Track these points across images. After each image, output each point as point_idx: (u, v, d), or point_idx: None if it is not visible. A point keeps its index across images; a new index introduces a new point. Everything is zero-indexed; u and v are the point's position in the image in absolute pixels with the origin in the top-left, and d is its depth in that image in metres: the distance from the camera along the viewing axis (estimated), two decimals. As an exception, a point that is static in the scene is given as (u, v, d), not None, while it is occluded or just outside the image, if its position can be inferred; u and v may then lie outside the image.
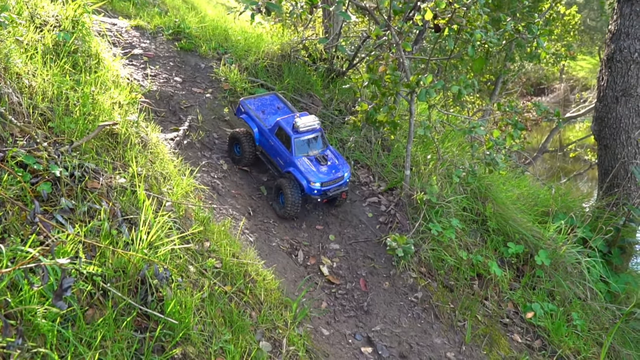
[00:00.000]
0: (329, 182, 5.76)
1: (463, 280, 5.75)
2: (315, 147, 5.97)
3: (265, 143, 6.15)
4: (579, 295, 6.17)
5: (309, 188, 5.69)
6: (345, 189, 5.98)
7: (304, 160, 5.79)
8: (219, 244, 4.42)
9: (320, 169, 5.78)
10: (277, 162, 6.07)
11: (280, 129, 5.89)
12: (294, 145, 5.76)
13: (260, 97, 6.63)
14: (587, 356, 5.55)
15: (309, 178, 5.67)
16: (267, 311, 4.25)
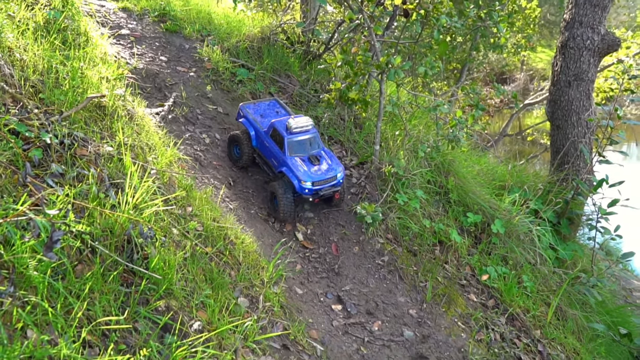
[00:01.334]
0: (321, 181, 5.47)
1: (426, 245, 5.86)
2: (309, 147, 5.70)
3: (261, 145, 5.94)
4: (529, 261, 6.33)
5: (300, 187, 5.43)
6: (337, 189, 5.67)
7: (296, 160, 5.54)
8: (201, 209, 4.45)
9: (312, 168, 5.51)
10: (271, 163, 5.84)
11: (275, 130, 5.67)
12: (286, 145, 5.54)
13: (260, 102, 6.43)
14: (536, 314, 5.72)
15: (300, 177, 5.41)
16: (245, 271, 4.31)
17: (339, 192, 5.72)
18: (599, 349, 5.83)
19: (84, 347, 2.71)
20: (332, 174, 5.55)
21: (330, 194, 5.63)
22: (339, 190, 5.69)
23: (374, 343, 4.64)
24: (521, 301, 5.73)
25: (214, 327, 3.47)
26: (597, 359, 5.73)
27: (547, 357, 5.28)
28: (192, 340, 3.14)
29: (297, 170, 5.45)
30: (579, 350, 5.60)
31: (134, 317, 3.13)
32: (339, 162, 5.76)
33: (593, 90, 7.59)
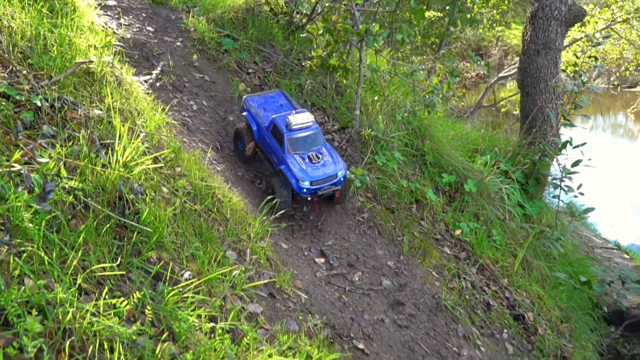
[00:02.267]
0: (320, 180, 5.08)
1: (403, 204, 5.92)
2: (310, 145, 5.29)
3: (262, 140, 5.59)
4: (499, 217, 6.44)
5: (299, 187, 5.07)
6: (337, 188, 5.24)
7: (296, 158, 5.17)
8: (189, 170, 4.42)
9: (311, 167, 5.12)
10: (272, 159, 5.50)
11: (275, 126, 5.30)
12: (286, 142, 5.17)
13: (264, 94, 6.05)
14: (504, 265, 5.85)
15: (298, 176, 5.05)
16: (233, 227, 4.32)
17: (339, 190, 5.30)
18: (560, 296, 6.00)
19: (79, 293, 2.71)
20: (331, 172, 5.15)
21: (329, 192, 5.23)
22: (339, 189, 5.29)
23: (355, 292, 4.71)
24: (491, 253, 5.84)
25: (203, 277, 3.49)
26: (559, 304, 5.90)
27: (513, 302, 5.42)
28: (183, 286, 3.16)
29: (294, 170, 5.09)
30: (543, 296, 5.76)
31: (127, 267, 3.14)
32: (341, 159, 5.36)
33: (560, 58, 7.62)
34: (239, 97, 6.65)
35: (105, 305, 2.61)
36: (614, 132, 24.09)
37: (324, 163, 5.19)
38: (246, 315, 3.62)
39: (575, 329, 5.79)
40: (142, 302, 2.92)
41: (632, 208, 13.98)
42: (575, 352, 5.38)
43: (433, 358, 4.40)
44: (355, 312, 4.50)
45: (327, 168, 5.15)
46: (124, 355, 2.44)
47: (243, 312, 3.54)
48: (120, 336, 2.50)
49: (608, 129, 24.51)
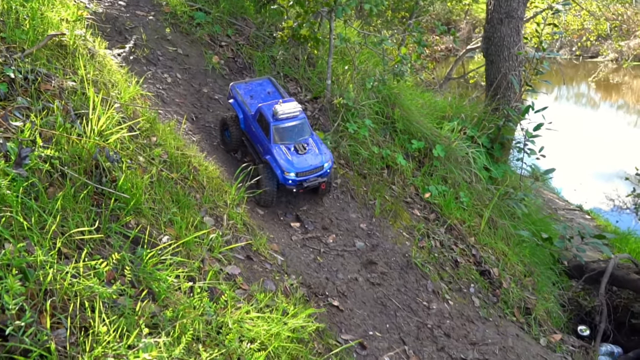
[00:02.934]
0: (306, 172, 4.85)
1: (374, 169, 5.99)
2: (296, 135, 5.04)
3: (248, 129, 5.33)
4: (466, 180, 6.57)
5: (283, 178, 4.84)
6: (324, 180, 5.02)
7: (281, 149, 4.91)
8: (165, 139, 4.39)
9: (296, 158, 4.88)
10: (257, 149, 5.24)
11: (261, 114, 5.03)
12: (272, 132, 4.91)
13: (252, 81, 5.78)
14: (471, 225, 6.00)
15: (283, 167, 4.81)
16: (209, 194, 4.33)
17: (325, 182, 5.08)
18: (524, 252, 6.19)
19: (59, 257, 2.72)
20: (317, 163, 4.92)
21: (315, 184, 5.00)
22: (325, 181, 5.06)
23: (329, 253, 4.80)
24: (458, 214, 5.98)
25: (181, 240, 3.52)
26: (522, 259, 6.09)
27: (480, 259, 5.58)
28: (162, 249, 3.18)
29: (280, 160, 4.85)
30: (507, 253, 5.94)
31: (106, 232, 3.14)
32: (327, 150, 5.12)
33: (522, 27, 7.69)
34: (212, 69, 6.58)
35: (85, 268, 2.63)
36: (577, 102, 24.50)
37: (310, 154, 4.96)
38: (224, 276, 3.67)
39: (537, 283, 6.00)
40: (122, 264, 2.94)
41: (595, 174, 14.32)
42: (538, 304, 5.59)
43: (404, 312, 4.53)
44: (329, 272, 4.59)
45: (314, 159, 4.93)
46: (105, 314, 2.47)
47: (221, 273, 3.58)
48: (101, 296, 2.53)
49: (572, 99, 24.92)
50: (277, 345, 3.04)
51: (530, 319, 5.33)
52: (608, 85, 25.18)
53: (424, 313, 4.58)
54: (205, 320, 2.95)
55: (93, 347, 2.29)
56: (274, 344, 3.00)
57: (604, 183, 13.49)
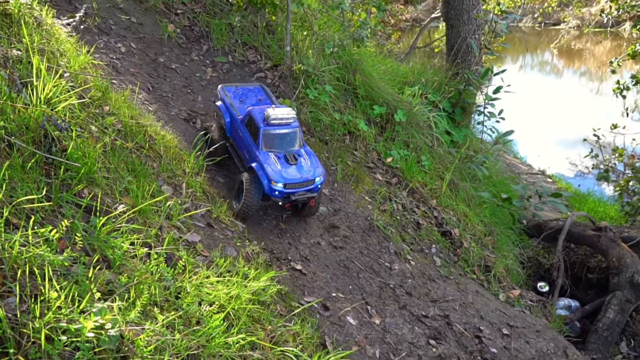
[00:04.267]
0: (295, 184, 4.40)
1: (336, 135, 6.00)
2: (287, 144, 4.61)
3: (234, 134, 4.91)
4: (427, 144, 6.66)
5: (270, 188, 4.37)
6: (313, 195, 4.54)
7: (270, 156, 4.47)
8: (118, 108, 4.30)
9: (286, 168, 4.44)
10: (243, 155, 4.82)
11: (251, 118, 4.62)
12: (261, 137, 4.49)
13: (243, 86, 5.40)
14: (433, 187, 6.11)
15: (271, 176, 4.34)
16: (167, 162, 4.28)
17: (314, 198, 4.61)
18: (484, 212, 6.36)
19: (7, 226, 2.66)
20: (308, 176, 4.47)
21: (304, 199, 4.54)
22: (314, 197, 4.59)
23: (292, 219, 4.83)
24: (420, 177, 6.08)
25: (137, 207, 3.48)
26: (483, 220, 6.26)
27: (441, 220, 5.71)
28: (117, 217, 3.14)
29: (267, 168, 4.39)
30: (468, 214, 6.09)
31: (57, 202, 3.09)
32: (320, 164, 4.66)
33: (481, -11, 7.73)
34: (168, 38, 6.42)
35: (35, 236, 2.58)
36: (541, 70, 24.94)
37: (301, 165, 4.52)
38: (184, 244, 3.66)
39: (497, 242, 6.20)
40: (74, 233, 2.90)
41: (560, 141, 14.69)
42: (497, 262, 5.78)
43: (367, 273, 4.63)
44: (292, 237, 4.63)
45: (304, 171, 4.48)
46: (56, 282, 2.44)
47: (180, 240, 3.57)
48: (52, 264, 2.49)
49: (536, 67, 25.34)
50: (237, 307, 3.07)
51: (490, 276, 5.52)
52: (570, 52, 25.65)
53: (386, 274, 4.69)
54: (163, 286, 2.95)
55: (44, 314, 2.27)
56: (232, 304, 3.03)
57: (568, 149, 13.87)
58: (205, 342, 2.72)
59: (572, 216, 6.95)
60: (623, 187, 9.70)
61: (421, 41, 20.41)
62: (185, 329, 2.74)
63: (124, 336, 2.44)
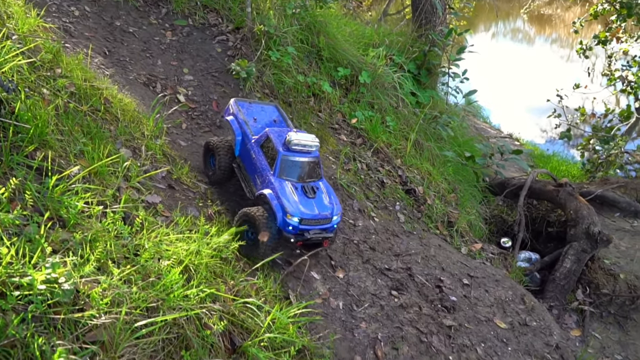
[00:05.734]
0: (311, 220, 3.92)
1: (300, 97, 5.98)
2: (306, 174, 4.12)
3: (245, 155, 4.37)
4: (392, 105, 6.70)
5: (284, 222, 3.87)
6: (329, 236, 4.08)
7: (287, 186, 3.97)
8: (71, 71, 4.19)
9: (304, 201, 3.94)
10: (253, 180, 4.27)
11: (269, 140, 4.14)
12: (279, 163, 4.00)
13: (257, 103, 4.85)
14: (398, 147, 6.18)
15: (287, 208, 3.84)
16: (125, 126, 4.22)
17: (329, 239, 4.13)
18: (448, 171, 6.48)
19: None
20: (326, 213, 4.01)
21: (318, 239, 4.03)
22: (330, 237, 4.11)
23: (256, 180, 4.84)
24: (385, 137, 6.13)
25: (94, 170, 3.45)
26: (447, 178, 6.38)
27: (406, 179, 5.80)
28: (70, 177, 3.11)
29: (283, 198, 3.88)
30: (432, 172, 6.19)
31: (8, 164, 3.03)
32: (338, 202, 4.21)
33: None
34: (124, 1, 6.24)
35: (-17, 196, 2.55)
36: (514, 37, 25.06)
37: (320, 200, 4.06)
38: (144, 205, 3.65)
39: (461, 199, 6.33)
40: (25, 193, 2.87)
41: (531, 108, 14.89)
42: (460, 217, 5.92)
43: (331, 231, 4.69)
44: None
45: (323, 207, 4.02)
46: (7, 240, 2.42)
47: (139, 201, 3.56)
48: (2, 223, 2.47)
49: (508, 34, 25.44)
50: (197, 262, 3.10)
51: (452, 231, 5.66)
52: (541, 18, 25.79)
53: (350, 230, 4.77)
54: (120, 243, 2.96)
55: (-5, 270, 2.26)
56: (192, 260, 3.05)
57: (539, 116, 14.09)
58: (164, 295, 2.75)
59: (534, 173, 7.13)
60: (585, 145, 9.97)
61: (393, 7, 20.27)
62: (144, 284, 2.76)
63: (79, 290, 2.45)
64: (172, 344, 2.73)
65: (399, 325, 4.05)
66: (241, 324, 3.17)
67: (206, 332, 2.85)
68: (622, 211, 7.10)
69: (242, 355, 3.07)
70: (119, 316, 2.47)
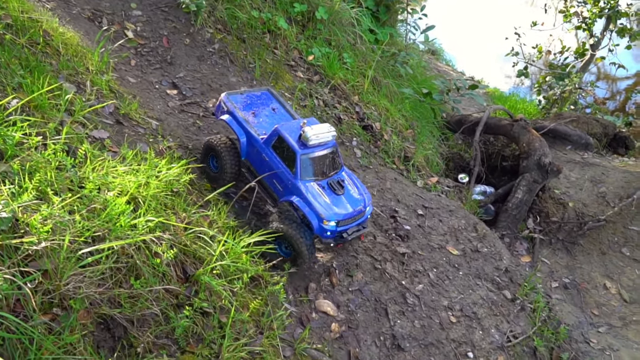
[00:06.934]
0: (348, 219, 3.62)
1: (255, 33, 5.80)
2: (328, 167, 3.73)
3: (255, 158, 3.86)
4: (350, 41, 6.58)
5: (321, 229, 3.55)
6: (365, 230, 3.83)
7: (314, 188, 3.60)
8: (6, 2, 3.92)
9: (335, 201, 3.60)
10: (272, 186, 3.83)
11: (281, 139, 3.64)
12: (299, 164, 3.55)
13: (248, 92, 4.27)
14: (355, 84, 6.12)
15: (322, 214, 3.50)
16: (68, 60, 4.02)
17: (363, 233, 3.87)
18: (405, 107, 6.48)
19: None
20: (360, 207, 3.69)
21: (356, 236, 3.76)
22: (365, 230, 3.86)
23: (209, 117, 4.74)
24: (342, 74, 6.05)
25: (35, 104, 3.30)
26: (404, 114, 6.39)
27: (363, 115, 5.79)
28: (7, 108, 2.96)
29: (315, 204, 3.53)
30: (390, 109, 6.19)
31: (-63, 96, 2.86)
32: (365, 188, 3.90)
33: None
34: None
35: None
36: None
37: (349, 194, 3.72)
38: (90, 140, 3.53)
39: (418, 135, 6.38)
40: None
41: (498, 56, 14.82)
42: (417, 152, 5.98)
43: (288, 166, 4.67)
44: (210, 134, 4.57)
45: (355, 203, 3.68)
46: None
47: (83, 135, 3.44)
48: None
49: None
50: (145, 194, 3.05)
51: (409, 166, 5.73)
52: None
53: (306, 165, 4.76)
54: (64, 176, 2.87)
55: None
56: (141, 192, 3.00)
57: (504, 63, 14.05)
58: (111, 225, 2.71)
59: (490, 108, 7.22)
60: (541, 84, 10.11)
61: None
62: (88, 214, 2.70)
63: (18, 219, 2.38)
64: (121, 272, 2.72)
65: (354, 254, 4.13)
66: (193, 254, 3.17)
67: (156, 261, 2.84)
68: (573, 144, 7.30)
69: (195, 284, 3.09)
70: (62, 244, 2.43)
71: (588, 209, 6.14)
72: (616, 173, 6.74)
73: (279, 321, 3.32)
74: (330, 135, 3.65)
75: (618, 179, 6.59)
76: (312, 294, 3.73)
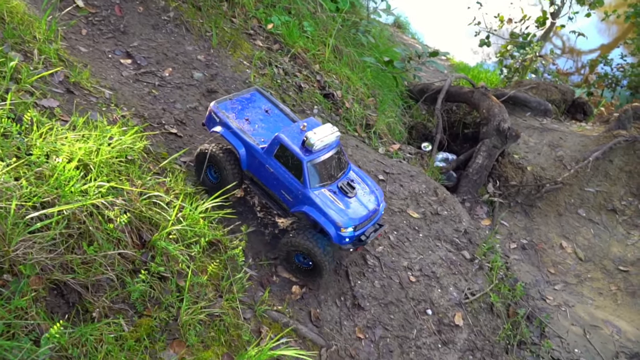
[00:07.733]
0: (364, 222, 3.54)
1: (211, 2, 5.69)
2: (335, 169, 3.61)
3: (258, 169, 3.67)
4: (310, 10, 6.53)
5: (339, 237, 3.45)
6: (382, 227, 3.85)
7: (325, 194, 3.49)
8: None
9: (348, 205, 3.51)
10: (280, 196, 3.66)
11: (283, 148, 3.47)
12: (307, 172, 3.42)
13: (237, 97, 4.01)
14: (316, 53, 6.10)
15: (339, 222, 3.40)
16: (13, 28, 3.88)
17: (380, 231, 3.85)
18: (367, 76, 6.51)
19: None
20: (373, 205, 3.61)
21: (373, 236, 3.72)
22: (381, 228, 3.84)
23: (166, 86, 4.68)
24: (302, 43, 6.02)
25: (-24, 72, 3.19)
26: (366, 83, 6.42)
27: (324, 84, 5.79)
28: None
29: (330, 212, 3.43)
30: (351, 77, 6.20)
31: None
32: (375, 183, 3.83)
33: None
34: None
35: None
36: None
37: (360, 194, 3.64)
38: (39, 109, 3.45)
39: (380, 103, 6.43)
40: None
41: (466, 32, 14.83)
42: (379, 120, 6.04)
43: (247, 135, 4.66)
44: (166, 103, 4.51)
45: (368, 202, 3.61)
46: None
47: (30, 104, 3.36)
48: None
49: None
50: (97, 160, 3.01)
51: (370, 133, 5.78)
52: None
53: (266, 133, 4.75)
54: (10, 143, 2.81)
55: None
56: (92, 158, 2.97)
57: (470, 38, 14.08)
58: (60, 191, 2.68)
59: (451, 76, 7.31)
60: (503, 53, 10.25)
61: None
62: (36, 180, 2.67)
63: (-40, 185, 2.34)
64: (73, 238, 2.70)
65: (314, 219, 4.17)
66: (150, 220, 3.16)
67: (110, 226, 2.83)
68: (532, 110, 7.47)
69: (152, 249, 3.10)
70: (9, 209, 2.40)
71: (546, 173, 6.32)
72: (573, 138, 6.94)
73: (238, 284, 3.36)
74: (334, 136, 3.53)
75: (575, 143, 6.80)
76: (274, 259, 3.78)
